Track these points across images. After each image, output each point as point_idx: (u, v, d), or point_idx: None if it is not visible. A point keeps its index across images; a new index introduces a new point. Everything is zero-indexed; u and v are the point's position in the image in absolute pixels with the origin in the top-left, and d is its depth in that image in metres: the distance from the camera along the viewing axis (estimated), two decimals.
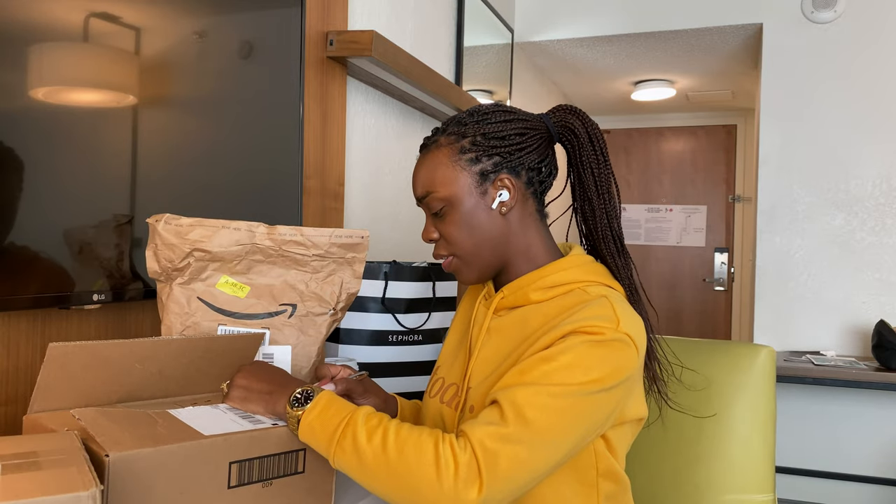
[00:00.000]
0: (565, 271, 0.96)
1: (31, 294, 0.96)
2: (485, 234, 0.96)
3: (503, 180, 0.96)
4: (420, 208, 1.05)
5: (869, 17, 2.97)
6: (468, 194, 0.95)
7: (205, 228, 0.95)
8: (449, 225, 0.97)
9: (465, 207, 0.96)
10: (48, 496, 0.55)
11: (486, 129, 0.96)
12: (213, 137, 1.27)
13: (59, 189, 1.00)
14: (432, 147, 0.99)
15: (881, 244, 2.96)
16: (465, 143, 0.96)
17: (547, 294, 0.96)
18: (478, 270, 0.98)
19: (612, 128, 5.20)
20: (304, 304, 1.05)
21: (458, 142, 0.96)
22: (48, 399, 0.82)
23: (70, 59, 1.01)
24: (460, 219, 0.96)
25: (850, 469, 3.00)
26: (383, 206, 2.15)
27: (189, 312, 0.98)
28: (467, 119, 0.98)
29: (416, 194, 1.00)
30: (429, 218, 1.01)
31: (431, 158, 0.98)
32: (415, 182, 1.00)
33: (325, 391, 0.87)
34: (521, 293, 0.98)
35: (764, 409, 1.22)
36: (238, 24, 1.32)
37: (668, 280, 4.99)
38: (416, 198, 1.00)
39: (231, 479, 0.79)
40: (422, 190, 0.98)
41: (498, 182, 0.96)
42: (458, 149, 0.96)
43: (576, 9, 3.37)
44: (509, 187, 0.96)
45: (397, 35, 2.21)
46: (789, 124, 3.09)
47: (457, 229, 0.96)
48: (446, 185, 0.96)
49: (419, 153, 1.02)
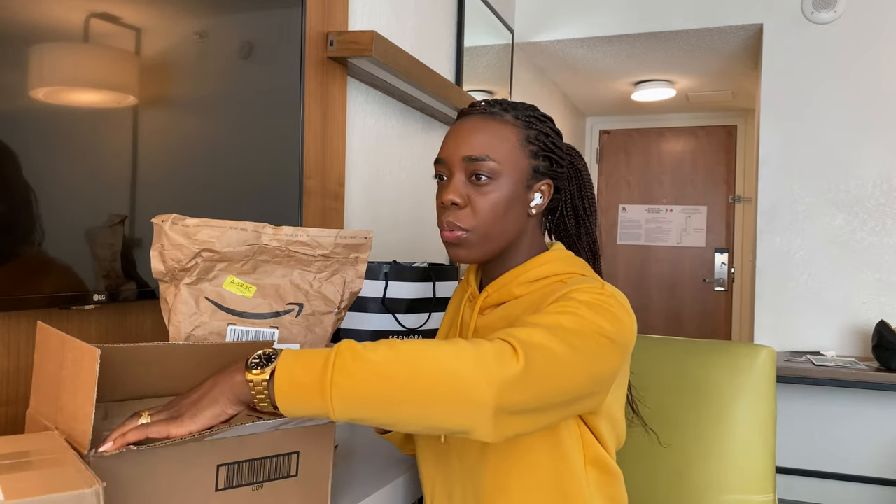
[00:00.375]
0: (547, 264, 0.98)
1: (31, 294, 0.96)
2: (510, 224, 0.96)
3: (546, 185, 0.98)
4: (443, 167, 0.97)
5: (869, 18, 2.97)
6: (518, 181, 0.95)
7: (213, 229, 0.95)
8: (486, 200, 0.93)
9: (510, 191, 0.94)
10: (54, 494, 0.55)
11: (548, 132, 0.98)
12: (214, 138, 1.27)
13: (60, 189, 1.00)
14: (497, 118, 0.96)
15: (881, 244, 2.96)
16: (531, 135, 0.96)
17: (529, 288, 0.97)
18: (482, 253, 0.97)
19: (612, 128, 5.20)
20: (309, 304, 1.05)
21: (525, 129, 0.96)
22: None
23: (70, 59, 1.01)
24: (500, 199, 0.94)
25: (850, 469, 3.00)
26: (383, 206, 2.15)
27: (198, 313, 0.98)
28: (530, 112, 0.98)
29: (467, 151, 0.94)
30: (460, 180, 0.95)
31: (498, 128, 0.95)
32: (471, 139, 0.94)
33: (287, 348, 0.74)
34: (504, 290, 0.99)
35: (764, 409, 1.23)
36: (238, 24, 1.32)
37: (668, 280, 4.99)
38: (466, 156, 0.94)
39: (219, 482, 0.78)
40: (481, 151, 0.93)
41: (542, 184, 0.98)
42: (525, 136, 0.96)
43: (576, 9, 3.37)
44: (546, 194, 0.98)
45: (397, 35, 2.21)
46: (789, 124, 3.09)
47: (492, 207, 0.93)
48: (509, 161, 0.94)
49: (471, 115, 0.98)
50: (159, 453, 0.73)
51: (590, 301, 0.85)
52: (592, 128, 5.25)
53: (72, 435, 0.72)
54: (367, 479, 1.07)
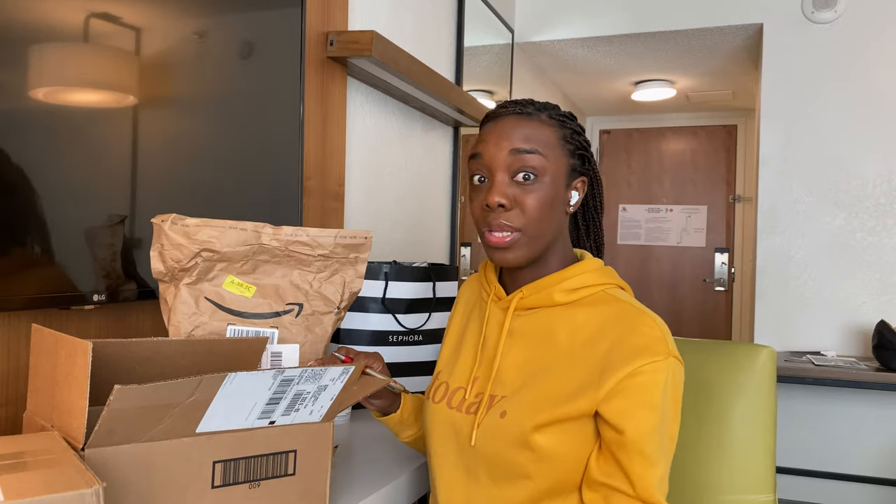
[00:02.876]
0: (586, 274, 0.98)
1: (31, 294, 0.96)
2: (552, 222, 0.96)
3: (581, 182, 0.99)
4: (482, 169, 0.95)
5: (869, 17, 2.96)
6: (560, 179, 0.96)
7: (213, 229, 0.95)
8: (534, 198, 0.93)
9: (554, 188, 0.95)
10: (53, 494, 0.55)
11: (579, 130, 0.99)
12: (214, 138, 1.27)
13: (60, 189, 1.00)
14: (535, 118, 0.95)
15: (881, 244, 2.96)
16: (567, 134, 0.97)
17: (571, 296, 0.97)
18: (531, 255, 0.95)
19: (612, 128, 5.20)
20: (309, 304, 1.05)
21: (560, 128, 0.97)
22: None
23: (70, 59, 1.01)
24: (546, 196, 0.93)
25: (850, 469, 3.00)
26: (383, 206, 2.15)
27: (198, 313, 0.98)
28: (561, 113, 0.99)
29: (513, 145, 0.93)
30: (503, 181, 0.93)
31: (539, 127, 0.95)
32: (513, 134, 0.93)
33: None
34: (544, 294, 0.97)
35: (764, 409, 1.22)
36: (238, 24, 1.32)
37: (669, 280, 4.99)
38: (513, 148, 0.93)
39: (215, 479, 0.78)
40: (528, 144, 0.93)
41: (578, 182, 0.99)
42: (562, 135, 0.96)
43: (576, 9, 3.37)
44: (581, 192, 1.00)
45: (397, 35, 2.21)
46: (789, 124, 3.09)
47: (540, 204, 0.93)
48: (553, 158, 0.94)
49: (505, 116, 0.96)
50: (154, 448, 0.72)
51: (659, 404, 0.89)
52: (592, 127, 5.25)
53: (67, 431, 0.72)
54: (367, 479, 1.07)
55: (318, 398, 0.85)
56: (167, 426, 0.73)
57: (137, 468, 0.71)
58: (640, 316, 0.92)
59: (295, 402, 0.83)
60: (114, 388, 0.65)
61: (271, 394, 0.79)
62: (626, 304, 0.94)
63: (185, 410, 0.73)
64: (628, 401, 0.88)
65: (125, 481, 0.70)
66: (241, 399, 0.77)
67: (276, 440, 0.83)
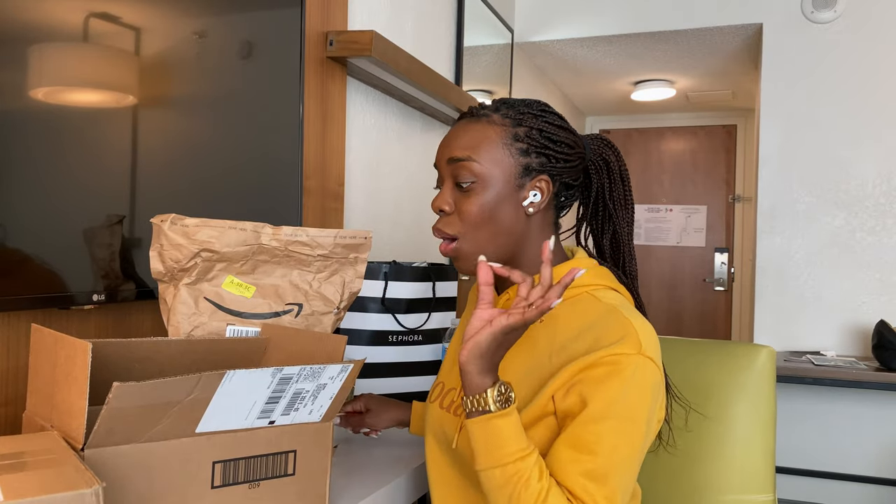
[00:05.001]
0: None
1: (30, 294, 0.96)
2: (502, 226, 0.93)
3: (542, 182, 0.94)
4: (438, 176, 0.98)
5: (869, 17, 2.96)
6: (506, 181, 0.92)
7: (212, 229, 0.95)
8: (472, 203, 0.92)
9: (497, 192, 0.92)
10: (53, 494, 0.55)
11: (543, 127, 0.94)
12: (213, 138, 1.27)
13: (60, 189, 1.00)
14: (483, 119, 0.95)
15: (881, 244, 2.96)
16: (520, 132, 0.94)
17: None
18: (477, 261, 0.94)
19: (612, 128, 5.20)
20: (309, 304, 1.05)
21: (513, 126, 0.94)
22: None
23: (70, 59, 1.01)
24: (487, 201, 0.92)
25: (850, 469, 3.00)
26: (383, 206, 2.15)
27: (197, 313, 0.98)
28: (524, 108, 0.95)
29: (449, 154, 0.94)
30: (448, 187, 0.95)
31: (481, 129, 0.94)
32: (453, 142, 0.95)
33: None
34: None
35: (764, 409, 1.22)
36: (238, 24, 1.32)
37: (669, 280, 4.99)
38: (449, 157, 0.94)
39: (214, 479, 0.78)
40: (462, 152, 0.93)
41: (537, 182, 0.94)
42: (513, 134, 0.93)
43: (576, 9, 3.37)
44: (544, 191, 0.94)
45: (397, 35, 2.21)
46: (789, 124, 3.09)
47: (479, 211, 0.92)
48: (490, 161, 0.92)
49: (461, 119, 0.97)
50: (153, 448, 0.73)
51: (623, 396, 0.83)
52: (592, 127, 5.25)
53: (67, 431, 0.72)
54: (367, 479, 1.07)
55: (317, 397, 0.85)
56: (167, 426, 0.73)
57: (137, 468, 0.71)
58: (616, 316, 0.88)
59: (294, 400, 0.83)
60: (113, 385, 0.65)
61: (270, 392, 0.79)
62: (606, 306, 0.90)
63: (184, 409, 0.73)
64: (577, 392, 0.85)
65: (125, 481, 0.70)
66: (241, 397, 0.77)
67: (275, 440, 0.83)
